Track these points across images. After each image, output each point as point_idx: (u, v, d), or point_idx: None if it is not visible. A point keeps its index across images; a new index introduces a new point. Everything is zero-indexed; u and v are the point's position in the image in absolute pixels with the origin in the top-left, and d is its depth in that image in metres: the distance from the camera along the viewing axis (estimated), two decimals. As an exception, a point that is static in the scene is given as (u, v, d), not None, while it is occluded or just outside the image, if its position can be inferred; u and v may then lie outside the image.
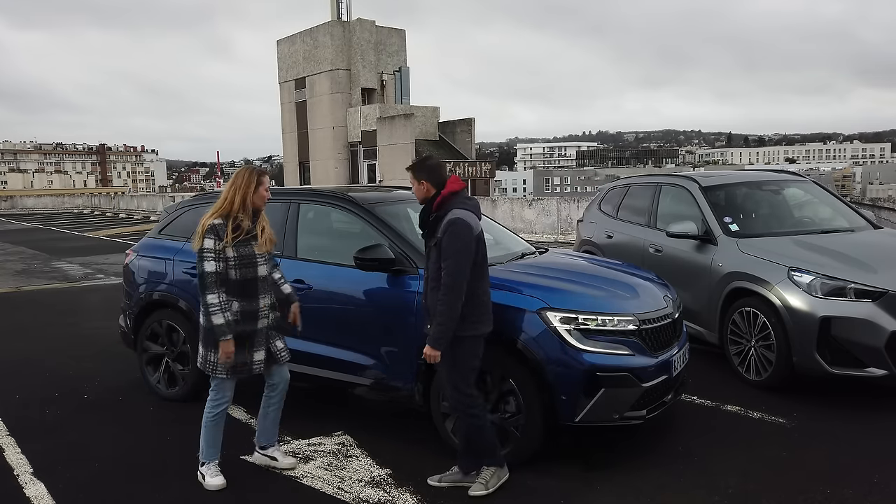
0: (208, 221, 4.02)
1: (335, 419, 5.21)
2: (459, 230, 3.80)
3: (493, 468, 3.98)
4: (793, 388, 5.54)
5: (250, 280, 4.07)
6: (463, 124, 34.11)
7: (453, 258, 3.77)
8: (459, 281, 3.77)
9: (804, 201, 7.39)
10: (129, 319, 6.04)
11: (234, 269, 4.02)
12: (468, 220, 3.85)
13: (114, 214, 41.36)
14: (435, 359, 3.84)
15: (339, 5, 34.29)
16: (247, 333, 4.08)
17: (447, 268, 3.77)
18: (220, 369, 4.07)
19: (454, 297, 3.76)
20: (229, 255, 4.00)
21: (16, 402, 5.83)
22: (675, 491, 4.00)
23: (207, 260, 3.96)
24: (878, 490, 3.97)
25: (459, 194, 3.98)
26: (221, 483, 4.16)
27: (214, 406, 4.19)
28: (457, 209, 3.87)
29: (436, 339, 3.80)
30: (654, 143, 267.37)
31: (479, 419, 3.93)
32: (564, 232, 19.06)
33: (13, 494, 4.14)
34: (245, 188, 4.07)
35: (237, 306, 4.05)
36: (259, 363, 4.18)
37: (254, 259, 4.08)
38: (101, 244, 21.58)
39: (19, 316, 9.86)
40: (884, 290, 5.18)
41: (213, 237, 3.98)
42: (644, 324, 4.32)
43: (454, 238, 3.79)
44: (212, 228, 3.99)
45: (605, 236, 8.21)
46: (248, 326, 4.09)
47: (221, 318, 3.94)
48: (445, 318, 3.77)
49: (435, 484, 4.07)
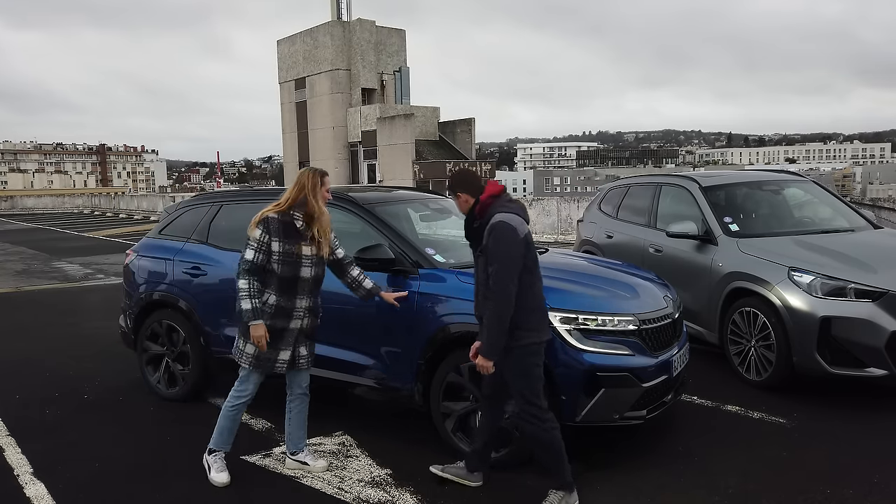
0: (266, 213, 4.07)
1: (335, 419, 5.21)
2: (502, 233, 3.65)
3: (561, 493, 3.78)
4: (793, 388, 5.54)
5: (291, 279, 4.06)
6: (463, 124, 34.10)
7: (499, 263, 3.62)
8: (507, 286, 3.61)
9: (804, 201, 7.39)
10: (129, 319, 6.05)
11: (278, 264, 4.03)
12: (511, 223, 3.68)
13: (114, 214, 41.36)
14: (488, 369, 3.69)
15: (339, 5, 34.28)
16: (277, 330, 4.09)
17: (493, 274, 3.62)
18: (246, 359, 4.11)
19: (502, 304, 3.61)
20: (274, 248, 4.02)
21: (16, 402, 5.83)
22: (675, 491, 4.00)
23: (249, 248, 4.02)
24: (878, 490, 3.97)
25: (500, 198, 3.82)
26: (226, 480, 4.17)
27: (237, 398, 4.22)
28: (500, 213, 3.73)
29: (488, 348, 3.65)
30: (654, 144, 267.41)
31: (548, 432, 3.75)
32: (564, 232, 19.07)
33: (13, 494, 4.15)
34: (312, 188, 4.08)
35: (273, 300, 4.06)
36: (283, 363, 4.18)
37: (298, 259, 4.06)
38: (101, 244, 21.58)
39: (19, 316, 9.86)
40: (884, 290, 5.18)
41: (263, 228, 4.03)
42: (644, 324, 4.32)
43: (498, 242, 3.64)
44: (265, 220, 4.04)
45: (605, 236, 8.21)
46: (281, 323, 4.09)
47: (249, 304, 3.98)
48: (495, 326, 3.62)
49: (437, 472, 4.09)
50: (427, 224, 5.84)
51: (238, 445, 4.66)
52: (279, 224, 4.04)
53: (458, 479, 4.06)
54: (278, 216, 4.06)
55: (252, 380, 4.20)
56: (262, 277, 4.06)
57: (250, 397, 4.24)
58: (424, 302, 4.53)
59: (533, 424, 3.76)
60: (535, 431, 3.77)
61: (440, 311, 4.45)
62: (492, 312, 3.63)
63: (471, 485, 4.03)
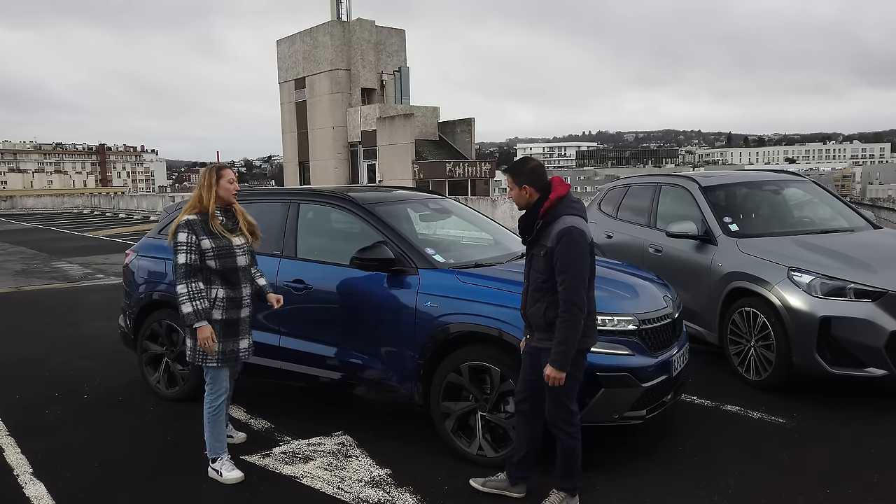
0: (182, 218, 4.20)
1: (335, 419, 5.21)
2: (577, 239, 3.53)
3: (563, 494, 3.76)
4: (793, 388, 5.54)
5: (231, 269, 4.23)
6: (463, 124, 34.12)
7: (572, 270, 3.49)
8: (581, 294, 3.51)
9: (804, 201, 7.39)
10: (129, 319, 6.04)
11: (214, 259, 4.17)
12: (583, 229, 3.58)
13: (114, 214, 41.34)
14: (560, 381, 3.54)
15: (339, 5, 34.30)
16: (233, 321, 4.24)
17: (566, 281, 3.49)
18: (210, 358, 4.18)
19: (577, 312, 3.50)
20: (206, 246, 4.15)
21: (16, 402, 5.83)
22: (675, 491, 4.00)
23: (180, 252, 4.13)
24: (878, 490, 3.97)
25: (567, 198, 3.68)
26: (240, 476, 4.22)
27: (214, 399, 4.27)
28: (568, 216, 3.59)
29: (560, 359, 3.51)
30: (653, 144, 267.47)
31: (575, 439, 3.71)
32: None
33: (13, 494, 4.14)
34: (209, 184, 4.24)
35: (223, 293, 4.21)
36: (245, 350, 4.34)
37: (231, 250, 4.22)
38: (101, 244, 21.57)
39: (19, 316, 9.85)
40: (884, 290, 5.18)
41: (187, 230, 4.15)
42: (644, 324, 4.32)
43: (572, 248, 3.51)
44: (185, 223, 4.17)
45: (605, 236, 8.20)
46: (234, 314, 4.25)
47: (190, 307, 4.09)
48: (569, 335, 3.50)
49: (478, 487, 3.98)
50: (427, 224, 5.84)
51: (238, 445, 4.67)
52: (201, 223, 4.18)
53: (500, 492, 3.95)
54: (198, 216, 4.20)
55: (222, 376, 4.28)
56: (204, 277, 4.19)
57: (226, 393, 4.34)
58: (424, 302, 4.53)
59: (564, 431, 3.71)
60: (566, 438, 3.72)
61: (440, 311, 4.45)
62: (565, 322, 3.50)
63: (514, 496, 3.93)
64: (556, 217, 3.61)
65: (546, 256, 3.59)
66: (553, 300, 3.60)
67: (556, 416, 3.71)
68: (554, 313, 3.59)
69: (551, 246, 3.57)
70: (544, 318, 3.64)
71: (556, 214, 3.62)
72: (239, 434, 4.83)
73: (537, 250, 3.67)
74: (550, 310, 3.62)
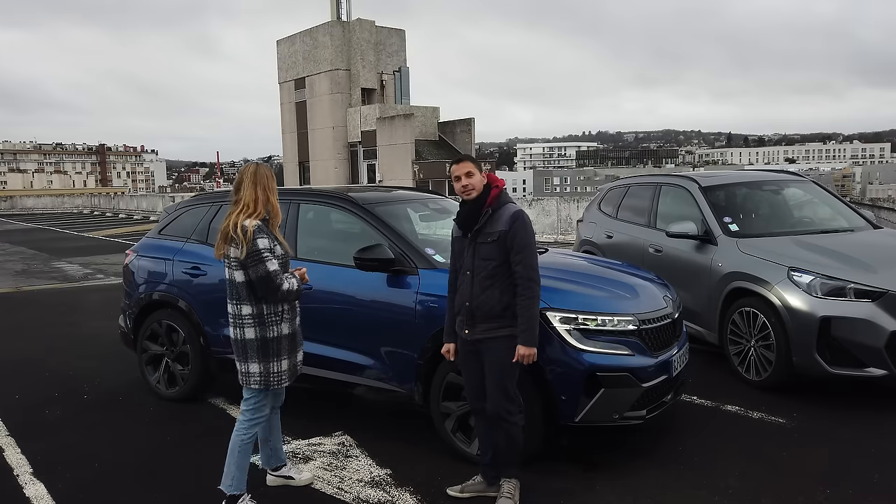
0: (253, 222, 3.66)
1: (335, 419, 5.21)
2: (527, 222, 3.79)
3: (514, 480, 3.84)
4: (793, 388, 5.54)
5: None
6: (463, 124, 34.09)
7: (527, 250, 3.72)
8: (537, 270, 3.74)
9: (804, 201, 7.39)
10: (129, 319, 6.05)
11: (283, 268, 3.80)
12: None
13: (113, 214, 41.35)
14: (534, 358, 3.70)
15: (339, 5, 34.29)
16: (295, 332, 3.90)
17: (525, 260, 3.70)
18: (274, 378, 3.77)
19: (536, 287, 3.71)
20: (279, 252, 3.76)
21: (16, 402, 5.83)
22: (675, 491, 4.00)
23: (269, 260, 3.65)
24: (878, 490, 3.97)
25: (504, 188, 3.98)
26: None
27: (252, 425, 3.83)
28: (510, 203, 3.85)
29: (531, 336, 3.68)
30: (653, 144, 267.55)
31: (517, 427, 3.81)
32: (564, 232, 19.06)
33: (13, 494, 4.14)
34: (272, 186, 3.83)
35: (286, 304, 3.83)
36: (300, 364, 3.98)
37: (287, 257, 3.88)
38: (100, 244, 21.58)
39: (19, 316, 9.86)
40: (884, 290, 5.18)
41: (266, 235, 3.69)
42: (644, 324, 4.32)
43: (526, 229, 3.76)
44: (259, 228, 3.67)
45: (605, 236, 8.21)
46: (293, 325, 3.90)
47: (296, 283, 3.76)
48: (534, 312, 3.70)
49: (456, 494, 3.97)
50: (427, 224, 5.84)
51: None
52: (266, 228, 3.76)
53: (480, 494, 3.96)
54: (261, 221, 3.75)
55: (267, 400, 3.88)
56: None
57: (266, 418, 3.95)
58: (424, 302, 4.53)
59: (510, 422, 3.78)
60: (511, 428, 3.79)
61: (440, 311, 4.44)
62: (529, 298, 3.69)
63: (494, 495, 3.92)
64: (503, 204, 3.82)
65: (498, 241, 3.74)
66: (507, 284, 3.74)
67: (502, 408, 3.77)
68: (510, 297, 3.72)
69: (504, 230, 3.73)
70: (500, 303, 3.73)
71: (502, 202, 3.83)
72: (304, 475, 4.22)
73: (483, 238, 3.78)
74: (506, 294, 3.73)
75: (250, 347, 3.75)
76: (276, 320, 3.77)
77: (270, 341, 3.75)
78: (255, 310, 3.73)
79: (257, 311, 3.73)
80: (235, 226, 3.66)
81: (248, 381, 3.79)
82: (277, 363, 3.78)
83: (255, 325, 3.74)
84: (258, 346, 3.75)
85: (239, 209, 3.72)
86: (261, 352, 3.75)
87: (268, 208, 3.77)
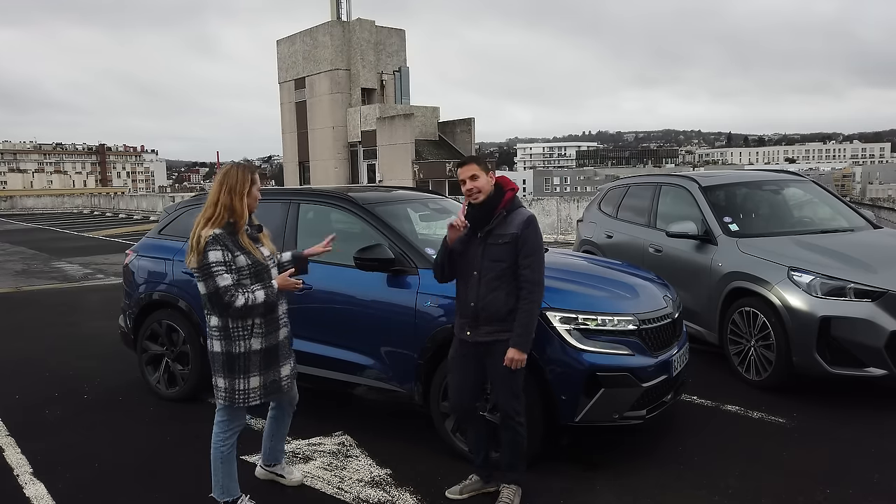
0: (208, 232, 3.47)
1: (335, 419, 5.21)
2: (538, 227, 3.79)
3: (513, 486, 3.83)
4: (793, 388, 5.54)
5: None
6: (463, 124, 34.08)
7: (536, 255, 3.71)
8: (543, 277, 3.75)
9: (804, 201, 7.39)
10: (129, 319, 6.05)
11: (250, 278, 3.54)
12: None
13: (113, 214, 41.35)
14: (523, 363, 3.67)
15: (339, 5, 34.29)
16: (273, 347, 3.67)
17: (533, 265, 3.69)
18: (254, 394, 3.60)
19: (540, 293, 3.72)
20: (242, 263, 3.51)
21: (16, 402, 5.83)
22: (675, 491, 4.00)
23: (220, 275, 3.43)
24: (878, 490, 3.97)
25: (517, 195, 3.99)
26: None
27: (227, 436, 3.68)
28: (522, 207, 3.84)
29: (525, 341, 3.65)
30: (653, 143, 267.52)
31: (523, 427, 3.80)
32: (564, 232, 19.07)
33: (13, 494, 4.14)
34: (241, 190, 3.54)
35: (259, 318, 3.59)
36: (287, 378, 3.77)
37: (265, 265, 3.63)
38: (100, 244, 21.58)
39: (19, 316, 9.86)
40: (884, 290, 5.18)
41: (221, 248, 3.46)
42: (644, 324, 4.32)
43: (536, 235, 3.75)
44: (214, 239, 3.45)
45: (605, 236, 8.21)
46: (273, 339, 3.67)
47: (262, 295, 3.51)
48: (534, 317, 3.68)
49: (455, 497, 3.96)
50: (427, 224, 5.84)
51: (238, 445, 4.66)
52: (230, 238, 3.52)
53: (479, 493, 3.96)
54: (224, 230, 3.51)
55: (240, 414, 3.72)
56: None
57: (242, 428, 3.78)
58: (424, 302, 4.53)
59: (518, 422, 3.78)
60: (518, 429, 3.79)
61: (440, 311, 4.45)
62: (532, 303, 3.67)
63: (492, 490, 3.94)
64: (516, 208, 3.82)
65: (510, 243, 3.72)
66: (512, 287, 3.73)
67: (510, 408, 3.76)
68: (514, 300, 3.71)
69: (516, 232, 3.72)
70: (506, 306, 3.71)
71: (515, 205, 3.84)
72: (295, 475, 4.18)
73: (494, 239, 3.76)
74: (511, 297, 3.72)
75: (216, 360, 3.60)
76: (243, 335, 3.55)
77: (236, 357, 3.55)
78: (221, 322, 3.56)
79: (222, 323, 3.56)
80: (193, 235, 3.52)
81: (216, 395, 3.67)
82: (245, 381, 3.57)
83: (221, 339, 3.57)
84: (224, 360, 3.57)
85: (202, 213, 3.57)
86: (226, 367, 3.57)
87: (231, 212, 3.51)
